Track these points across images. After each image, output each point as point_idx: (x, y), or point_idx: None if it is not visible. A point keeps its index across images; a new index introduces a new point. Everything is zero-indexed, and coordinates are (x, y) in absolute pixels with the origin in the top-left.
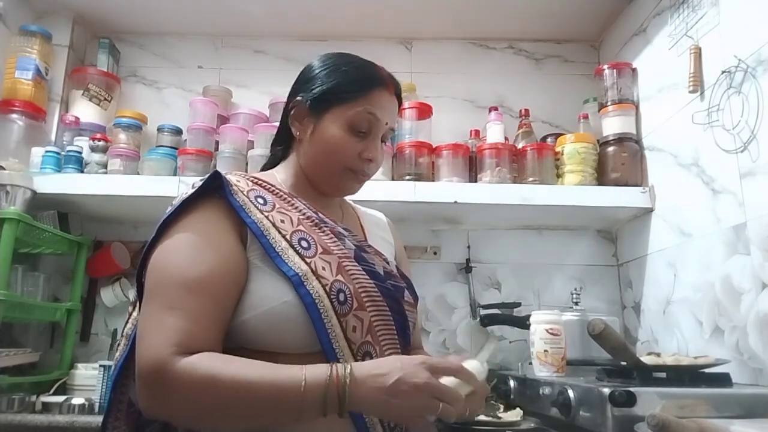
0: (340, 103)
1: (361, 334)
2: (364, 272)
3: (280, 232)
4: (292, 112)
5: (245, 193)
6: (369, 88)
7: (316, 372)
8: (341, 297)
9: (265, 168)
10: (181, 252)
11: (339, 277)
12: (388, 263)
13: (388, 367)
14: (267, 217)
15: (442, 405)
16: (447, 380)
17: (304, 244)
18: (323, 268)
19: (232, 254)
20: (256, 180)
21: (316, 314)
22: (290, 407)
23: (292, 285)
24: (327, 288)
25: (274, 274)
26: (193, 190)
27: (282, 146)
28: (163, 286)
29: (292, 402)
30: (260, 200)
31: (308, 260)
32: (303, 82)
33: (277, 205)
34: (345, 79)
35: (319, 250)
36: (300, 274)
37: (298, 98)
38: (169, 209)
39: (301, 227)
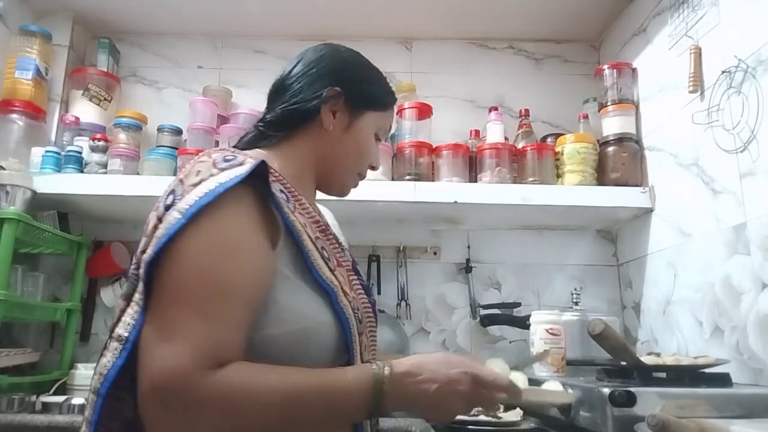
0: (376, 109)
1: (367, 353)
2: (361, 287)
3: (310, 239)
4: (328, 100)
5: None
6: (394, 102)
7: (360, 373)
8: (358, 315)
9: (241, 146)
10: (215, 248)
11: (352, 293)
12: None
13: (431, 372)
14: (297, 219)
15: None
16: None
17: (325, 253)
18: (344, 283)
19: (265, 257)
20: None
21: (349, 333)
22: (341, 414)
23: (328, 301)
24: (351, 305)
25: (305, 287)
26: (230, 180)
27: (288, 130)
28: (192, 286)
29: (344, 408)
30: (283, 196)
31: (335, 273)
32: (336, 70)
33: (296, 204)
34: (382, 88)
35: (334, 261)
36: (335, 288)
37: (337, 88)
38: (198, 197)
39: (318, 234)
